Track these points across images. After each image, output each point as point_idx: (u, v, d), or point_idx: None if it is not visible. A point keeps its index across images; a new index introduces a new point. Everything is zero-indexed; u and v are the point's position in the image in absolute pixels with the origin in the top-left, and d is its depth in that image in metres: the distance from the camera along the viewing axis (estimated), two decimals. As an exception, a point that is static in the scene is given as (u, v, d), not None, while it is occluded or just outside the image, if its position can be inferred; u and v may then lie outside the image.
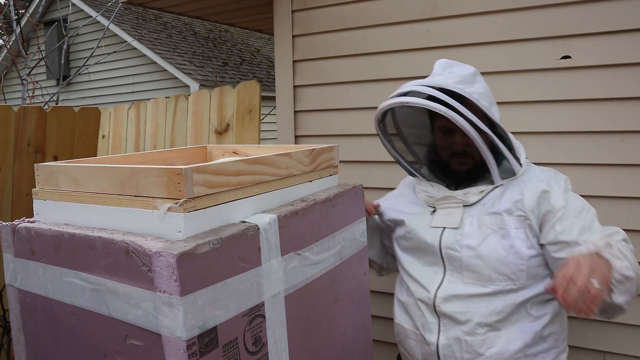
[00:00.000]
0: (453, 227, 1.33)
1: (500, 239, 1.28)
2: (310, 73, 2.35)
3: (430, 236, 1.36)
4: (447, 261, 1.33)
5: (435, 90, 1.26)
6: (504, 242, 1.27)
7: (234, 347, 0.88)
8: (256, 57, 10.33)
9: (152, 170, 0.87)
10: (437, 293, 1.33)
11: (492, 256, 1.27)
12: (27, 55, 5.29)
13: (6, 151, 2.44)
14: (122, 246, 0.83)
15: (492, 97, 1.34)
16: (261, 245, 0.95)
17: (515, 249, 1.26)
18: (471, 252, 1.29)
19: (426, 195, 1.41)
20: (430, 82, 1.30)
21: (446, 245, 1.33)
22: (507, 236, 1.27)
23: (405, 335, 1.42)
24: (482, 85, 1.32)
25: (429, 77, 1.37)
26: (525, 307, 1.27)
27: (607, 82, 1.79)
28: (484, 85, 1.33)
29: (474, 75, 1.33)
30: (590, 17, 1.79)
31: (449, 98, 1.24)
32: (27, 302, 1.04)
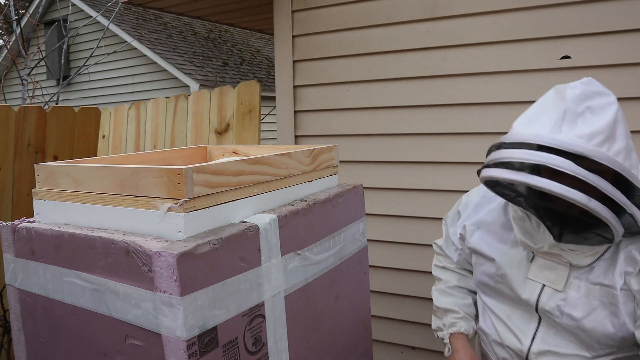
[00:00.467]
0: (556, 289, 1.13)
1: (609, 315, 1.09)
2: (310, 73, 2.36)
3: (527, 292, 1.17)
4: (542, 315, 1.17)
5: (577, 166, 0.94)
6: (614, 320, 1.08)
7: (234, 347, 0.88)
8: (256, 57, 10.33)
9: (152, 170, 0.87)
10: (531, 347, 1.17)
11: (599, 331, 1.10)
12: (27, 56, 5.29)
13: (6, 151, 2.44)
14: (122, 246, 0.83)
15: (630, 141, 1.03)
16: (261, 245, 0.95)
17: (627, 327, 1.08)
18: (573, 322, 1.12)
19: (523, 240, 1.15)
20: (560, 144, 0.96)
21: (544, 309, 1.15)
22: (617, 314, 1.08)
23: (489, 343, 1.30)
24: (623, 135, 1.00)
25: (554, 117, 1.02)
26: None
27: (607, 82, 1.79)
28: (623, 130, 1.02)
29: (617, 121, 1.02)
30: (590, 17, 1.79)
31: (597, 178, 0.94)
32: (27, 302, 1.04)
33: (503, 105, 1.93)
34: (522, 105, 1.92)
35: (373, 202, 2.14)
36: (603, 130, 0.98)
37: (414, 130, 2.12)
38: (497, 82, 1.94)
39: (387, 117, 2.17)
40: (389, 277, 2.23)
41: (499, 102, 1.93)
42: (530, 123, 1.07)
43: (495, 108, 1.93)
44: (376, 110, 2.20)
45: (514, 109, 1.93)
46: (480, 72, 1.94)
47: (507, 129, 1.39)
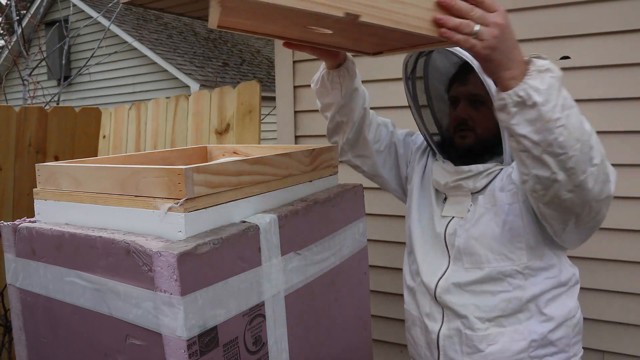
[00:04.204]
0: (460, 217, 1.28)
1: (493, 217, 1.21)
2: (310, 73, 2.34)
3: (439, 226, 1.32)
4: (450, 251, 1.29)
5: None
6: (497, 220, 1.21)
7: (234, 347, 0.88)
8: (256, 57, 10.34)
9: (152, 170, 0.87)
10: (438, 282, 1.28)
11: (487, 235, 1.21)
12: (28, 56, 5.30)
13: (7, 151, 2.45)
14: (123, 246, 0.83)
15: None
16: (261, 245, 0.95)
17: (510, 225, 1.19)
18: (466, 235, 1.24)
19: (435, 180, 1.35)
20: None
21: (449, 236, 1.28)
22: (499, 213, 1.21)
23: (413, 321, 1.39)
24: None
25: None
26: (537, 305, 1.20)
27: (607, 82, 1.79)
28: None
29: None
30: (590, 17, 1.79)
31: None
32: (28, 301, 1.04)
33: (503, 106, 1.93)
34: (522, 105, 1.92)
35: (373, 202, 2.14)
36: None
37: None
38: (497, 82, 1.94)
39: (387, 117, 2.16)
40: (389, 277, 2.23)
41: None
42: None
43: (495, 108, 1.93)
44: (376, 110, 2.19)
45: (514, 109, 1.93)
46: (480, 72, 1.94)
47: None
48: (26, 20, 8.71)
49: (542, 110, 0.90)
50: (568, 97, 0.93)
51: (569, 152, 0.92)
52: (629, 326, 1.82)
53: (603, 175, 0.98)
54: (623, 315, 1.83)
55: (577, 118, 0.93)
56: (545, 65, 0.91)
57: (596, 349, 1.87)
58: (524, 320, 1.20)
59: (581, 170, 0.95)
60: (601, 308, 1.85)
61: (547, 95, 0.90)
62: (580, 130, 0.93)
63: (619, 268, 1.82)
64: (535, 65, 0.91)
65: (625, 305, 1.82)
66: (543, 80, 0.90)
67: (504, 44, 0.87)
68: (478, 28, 0.85)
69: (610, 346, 1.85)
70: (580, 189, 0.98)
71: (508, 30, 0.88)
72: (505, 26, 0.87)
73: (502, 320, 1.21)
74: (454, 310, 1.26)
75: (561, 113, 0.91)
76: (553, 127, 0.90)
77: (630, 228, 1.79)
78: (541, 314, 1.20)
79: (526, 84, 0.90)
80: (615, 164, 1.78)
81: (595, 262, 1.85)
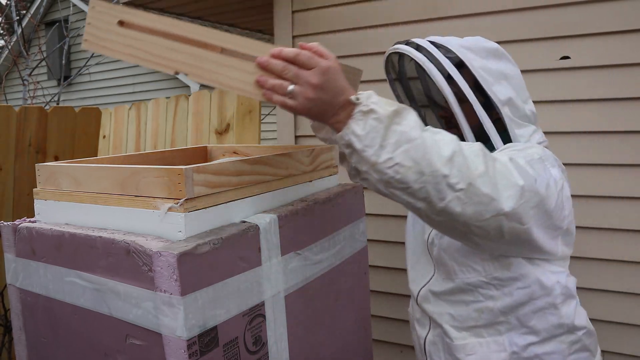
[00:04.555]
0: None
1: None
2: (310, 73, 2.36)
3: (425, 234, 1.29)
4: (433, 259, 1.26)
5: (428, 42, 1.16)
6: None
7: (234, 347, 0.88)
8: (257, 57, 10.32)
9: (152, 170, 0.87)
10: (420, 290, 1.27)
11: (452, 247, 1.17)
12: (29, 56, 5.30)
13: (7, 151, 2.45)
14: (123, 246, 0.83)
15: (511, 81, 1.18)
16: (261, 245, 0.95)
17: None
18: (437, 245, 1.21)
19: None
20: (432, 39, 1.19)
21: (430, 244, 1.26)
22: None
23: (411, 325, 1.40)
24: (499, 65, 1.18)
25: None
26: (518, 316, 1.13)
27: (607, 82, 1.79)
28: (504, 66, 1.19)
29: (494, 52, 1.19)
30: (590, 17, 1.79)
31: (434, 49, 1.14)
32: (28, 301, 1.04)
33: (503, 106, 1.93)
34: (522, 105, 1.93)
35: (373, 202, 2.14)
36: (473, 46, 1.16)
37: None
38: (497, 82, 1.94)
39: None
40: (389, 277, 2.23)
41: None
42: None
43: (495, 108, 1.93)
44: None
45: (514, 109, 1.93)
46: (480, 72, 1.94)
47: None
48: (26, 20, 8.71)
49: (364, 156, 0.86)
50: (406, 131, 0.86)
51: (412, 185, 0.87)
52: (629, 326, 1.82)
53: (476, 196, 0.88)
54: (623, 315, 1.83)
55: (420, 150, 0.86)
56: (370, 105, 0.86)
57: (596, 349, 1.87)
58: (505, 331, 1.15)
59: (438, 198, 0.88)
60: (601, 308, 1.85)
61: (368, 140, 0.85)
62: (424, 162, 0.86)
63: (619, 268, 1.82)
64: (360, 106, 0.86)
65: (625, 305, 1.82)
66: (365, 124, 0.85)
67: (323, 98, 0.84)
68: (291, 88, 0.83)
69: (610, 346, 1.84)
70: (446, 214, 0.90)
71: (328, 84, 0.84)
72: (319, 85, 0.83)
73: (481, 330, 1.17)
74: (432, 319, 1.26)
75: (392, 153, 0.85)
76: (383, 169, 0.86)
77: (630, 228, 1.79)
78: (523, 326, 1.14)
79: (349, 128, 0.86)
80: (615, 164, 1.80)
81: (595, 262, 1.85)
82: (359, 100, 0.86)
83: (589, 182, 1.83)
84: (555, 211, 1.02)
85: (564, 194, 1.07)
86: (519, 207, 0.92)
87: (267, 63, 0.83)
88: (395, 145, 0.85)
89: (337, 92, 0.86)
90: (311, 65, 0.83)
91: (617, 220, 1.80)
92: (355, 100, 0.86)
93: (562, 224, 1.07)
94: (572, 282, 1.18)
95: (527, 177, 0.95)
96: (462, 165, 0.88)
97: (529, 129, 1.18)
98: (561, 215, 1.05)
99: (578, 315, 1.16)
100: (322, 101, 0.85)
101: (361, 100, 0.87)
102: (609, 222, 1.82)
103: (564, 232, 1.10)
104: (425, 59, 1.14)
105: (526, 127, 1.17)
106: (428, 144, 0.86)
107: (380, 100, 0.88)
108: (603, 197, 1.81)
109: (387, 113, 0.86)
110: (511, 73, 1.19)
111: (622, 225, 1.80)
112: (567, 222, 1.09)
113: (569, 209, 1.09)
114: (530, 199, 0.94)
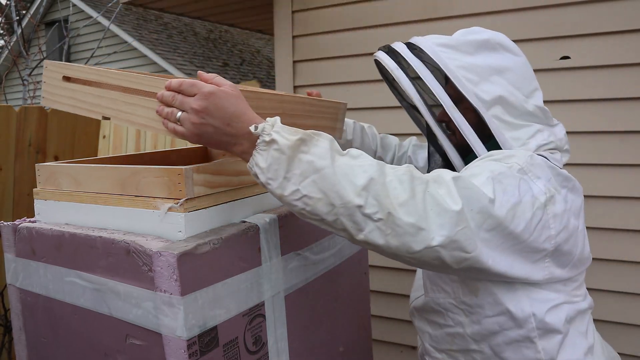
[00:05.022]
0: None
1: None
2: (310, 73, 2.36)
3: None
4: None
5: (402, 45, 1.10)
6: None
7: (234, 347, 0.88)
8: (256, 57, 10.33)
9: (152, 170, 0.87)
10: (412, 304, 1.22)
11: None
12: (28, 56, 5.29)
13: (7, 151, 2.45)
14: (123, 246, 0.83)
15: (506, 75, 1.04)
16: (261, 245, 0.95)
17: None
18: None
19: None
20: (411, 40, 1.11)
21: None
22: None
23: None
24: (491, 58, 1.04)
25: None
26: (491, 346, 1.02)
27: (607, 82, 1.79)
28: (499, 58, 1.05)
29: (485, 44, 1.05)
30: (590, 18, 1.79)
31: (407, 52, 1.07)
32: (28, 301, 1.04)
33: (503, 106, 1.94)
34: (522, 105, 1.93)
35: (373, 202, 2.14)
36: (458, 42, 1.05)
37: (414, 131, 2.12)
38: (497, 82, 1.94)
39: (387, 118, 2.17)
40: (389, 277, 2.23)
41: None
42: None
43: (495, 108, 1.93)
44: (376, 110, 2.21)
45: (514, 109, 1.93)
46: (480, 72, 1.94)
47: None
48: (26, 20, 8.70)
49: (270, 189, 0.83)
50: (313, 160, 0.80)
51: (325, 217, 0.81)
52: (629, 326, 1.82)
53: (399, 227, 0.80)
54: (623, 315, 1.83)
55: (329, 180, 0.80)
56: (272, 135, 0.81)
57: (596, 349, 1.87)
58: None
59: (356, 230, 0.81)
60: (601, 308, 1.85)
61: (271, 173, 0.81)
62: (333, 193, 0.80)
63: (619, 268, 1.82)
64: (262, 136, 0.82)
65: (625, 305, 1.82)
66: (267, 155, 0.81)
67: (211, 122, 0.82)
68: (179, 115, 0.83)
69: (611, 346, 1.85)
70: (369, 245, 0.84)
71: (212, 108, 0.82)
72: (202, 110, 0.81)
73: (457, 355, 1.08)
74: (419, 334, 1.21)
75: (298, 185, 0.80)
76: (291, 201, 0.82)
77: (630, 228, 1.79)
78: (497, 356, 1.02)
79: (254, 160, 0.83)
80: (615, 164, 1.80)
81: (595, 262, 1.85)
82: (257, 129, 0.82)
83: (588, 182, 1.83)
84: (529, 233, 0.89)
85: (551, 210, 0.91)
86: (456, 235, 0.80)
87: (160, 96, 0.86)
88: (301, 176, 0.80)
89: (228, 117, 0.82)
90: (194, 92, 0.82)
91: (617, 220, 1.80)
92: (254, 130, 0.82)
93: (546, 244, 0.92)
94: (571, 311, 1.01)
95: (475, 198, 0.83)
96: (380, 193, 0.80)
97: (529, 130, 1.02)
98: (541, 236, 0.90)
99: (565, 350, 1.00)
100: (212, 126, 0.82)
101: (263, 129, 0.82)
102: (609, 222, 1.82)
103: (551, 253, 0.94)
104: (394, 65, 1.08)
105: (526, 127, 1.02)
106: (339, 172, 0.80)
107: (283, 128, 0.82)
108: (603, 197, 1.81)
109: (290, 143, 0.80)
110: (508, 65, 1.05)
111: (622, 225, 1.80)
112: (554, 243, 0.93)
113: (558, 227, 0.93)
114: (483, 222, 0.84)
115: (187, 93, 0.83)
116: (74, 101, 1.00)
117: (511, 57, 1.06)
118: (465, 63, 1.03)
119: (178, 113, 0.83)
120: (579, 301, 1.04)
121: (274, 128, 0.82)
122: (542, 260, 0.94)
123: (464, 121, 1.02)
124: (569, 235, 0.96)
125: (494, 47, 1.05)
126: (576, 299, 1.03)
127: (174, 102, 0.83)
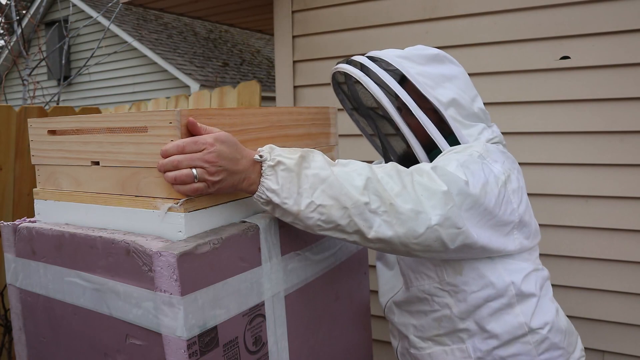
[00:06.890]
0: None
1: None
2: (310, 73, 2.36)
3: None
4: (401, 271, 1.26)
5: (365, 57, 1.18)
6: None
7: (234, 347, 0.88)
8: (256, 57, 10.33)
9: (152, 170, 0.87)
10: (386, 304, 1.30)
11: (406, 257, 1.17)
12: (28, 56, 5.29)
13: (7, 151, 2.45)
14: (123, 246, 0.83)
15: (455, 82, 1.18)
16: (261, 245, 0.95)
17: None
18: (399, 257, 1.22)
19: None
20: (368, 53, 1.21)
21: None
22: None
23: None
24: (441, 68, 1.18)
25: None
26: (477, 321, 1.12)
27: (607, 82, 1.79)
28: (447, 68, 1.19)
29: (434, 57, 1.19)
30: (590, 18, 1.79)
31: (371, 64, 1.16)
32: (28, 301, 1.04)
33: (502, 106, 1.94)
34: (521, 105, 1.92)
35: (373, 202, 2.14)
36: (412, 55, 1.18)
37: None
38: (496, 82, 1.94)
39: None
40: (389, 277, 2.23)
41: (499, 102, 1.94)
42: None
43: (494, 108, 1.93)
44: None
45: (514, 109, 1.93)
46: (480, 72, 1.94)
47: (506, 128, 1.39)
48: (26, 20, 8.70)
49: (286, 209, 0.89)
50: (317, 173, 0.89)
51: (340, 222, 0.90)
52: (629, 326, 1.82)
53: (402, 215, 0.90)
54: (623, 315, 1.83)
55: (336, 187, 0.89)
56: (276, 158, 0.88)
57: (596, 349, 1.87)
58: (467, 338, 1.14)
59: (367, 227, 0.90)
60: (601, 308, 1.85)
61: (285, 192, 0.88)
62: (342, 196, 0.89)
63: (619, 268, 1.82)
64: (267, 162, 0.88)
65: (625, 305, 1.82)
66: (277, 177, 0.87)
67: (226, 168, 0.84)
68: (195, 172, 0.82)
69: (610, 346, 1.85)
70: (380, 241, 0.92)
71: (224, 155, 0.84)
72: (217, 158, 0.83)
73: (444, 338, 1.17)
74: (399, 330, 1.28)
75: (311, 197, 0.88)
76: (308, 214, 0.89)
77: (630, 228, 1.79)
78: (483, 330, 1.12)
79: (263, 186, 0.88)
80: (615, 164, 1.80)
81: (595, 262, 1.85)
82: (262, 157, 0.88)
83: (588, 182, 1.83)
84: (498, 207, 1.02)
85: (510, 187, 1.06)
86: (447, 212, 0.93)
87: (162, 166, 0.83)
88: (311, 189, 0.88)
89: (234, 157, 0.85)
90: (200, 148, 0.82)
91: (616, 220, 1.80)
92: (259, 158, 0.88)
93: (512, 217, 1.06)
94: (539, 278, 1.14)
95: (453, 181, 0.95)
96: (378, 189, 0.90)
97: (477, 128, 1.17)
98: (507, 210, 1.04)
99: (540, 312, 1.12)
100: (226, 171, 0.84)
101: (265, 156, 0.88)
102: (609, 222, 1.82)
103: (517, 224, 1.08)
104: (361, 74, 1.15)
105: (474, 126, 1.17)
106: (341, 178, 0.89)
107: (283, 151, 0.90)
108: (603, 197, 1.81)
109: (294, 161, 0.88)
110: (455, 74, 1.19)
111: (621, 225, 1.80)
112: (518, 215, 1.07)
113: (517, 201, 1.07)
114: (462, 202, 0.95)
115: (193, 150, 0.82)
116: (62, 153, 1.00)
117: (455, 68, 1.22)
118: (422, 71, 1.16)
119: (194, 170, 0.82)
120: (543, 269, 1.19)
121: (274, 152, 0.89)
122: (511, 233, 1.08)
123: (429, 120, 1.14)
124: (525, 207, 1.11)
125: (442, 59, 1.21)
126: (540, 267, 1.18)
127: (181, 164, 0.82)
